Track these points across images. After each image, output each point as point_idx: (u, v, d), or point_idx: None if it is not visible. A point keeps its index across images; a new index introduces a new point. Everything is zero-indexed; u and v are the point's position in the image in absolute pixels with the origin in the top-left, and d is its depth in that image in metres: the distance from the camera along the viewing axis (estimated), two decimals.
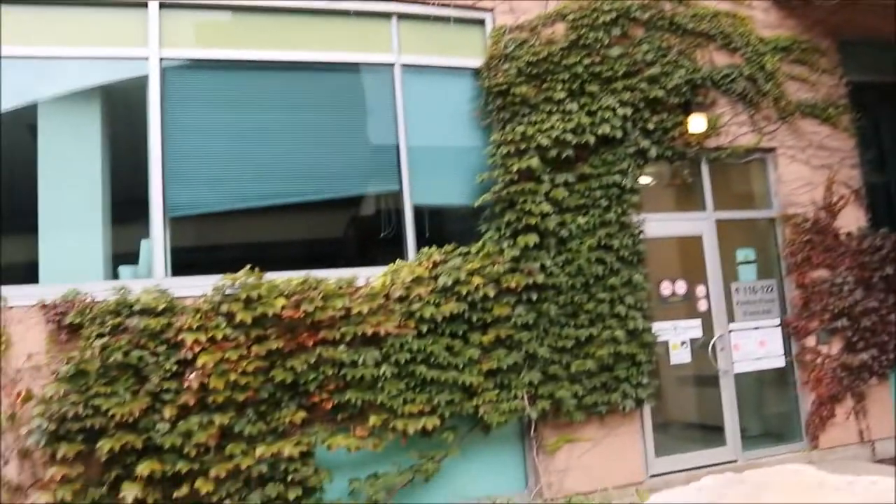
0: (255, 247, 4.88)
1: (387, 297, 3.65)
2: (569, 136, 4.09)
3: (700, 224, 4.70)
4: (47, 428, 3.20)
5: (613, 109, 4.23)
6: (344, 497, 3.56)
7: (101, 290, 3.42)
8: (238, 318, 3.43)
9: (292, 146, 3.79)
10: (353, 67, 4.08)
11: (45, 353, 3.34)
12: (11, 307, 3.35)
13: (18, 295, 3.38)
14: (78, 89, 3.64)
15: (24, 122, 3.69)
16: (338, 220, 5.60)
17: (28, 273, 3.52)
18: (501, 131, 4.04)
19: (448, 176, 4.07)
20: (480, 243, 3.90)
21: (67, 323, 3.34)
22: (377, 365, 3.57)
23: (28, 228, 3.53)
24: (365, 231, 4.85)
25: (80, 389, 3.26)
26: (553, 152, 4.06)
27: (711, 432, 4.55)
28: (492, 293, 3.75)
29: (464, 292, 3.70)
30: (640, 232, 4.28)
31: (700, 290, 4.65)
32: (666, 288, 4.58)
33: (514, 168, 3.94)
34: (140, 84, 3.68)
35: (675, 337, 4.49)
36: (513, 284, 3.80)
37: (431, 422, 3.62)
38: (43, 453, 3.25)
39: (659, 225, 4.50)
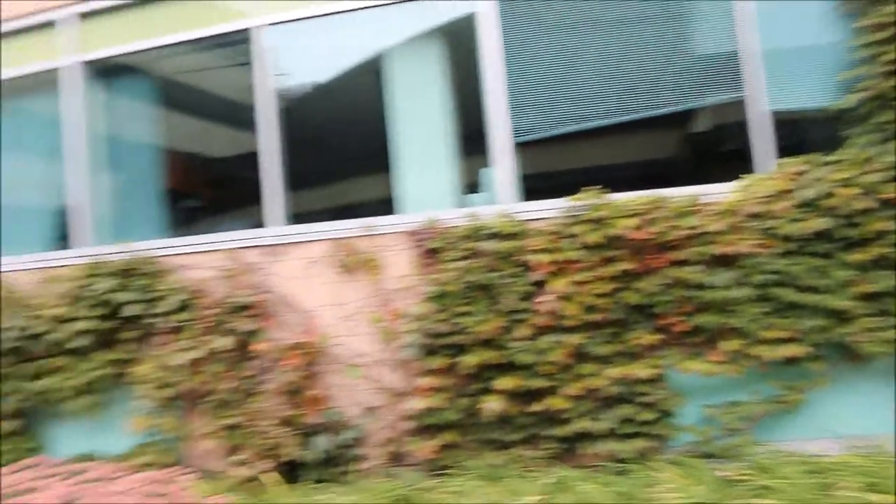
0: (592, 170, 5.55)
1: (739, 214, 3.98)
2: None
3: None
4: (419, 342, 4.21)
5: None
6: (699, 423, 4.03)
7: (455, 218, 4.32)
8: (585, 239, 4.06)
9: (626, 62, 4.30)
10: None
11: (412, 275, 4.37)
12: (382, 235, 4.44)
13: (385, 224, 4.44)
14: (418, 33, 4.60)
15: (371, 70, 4.77)
16: (672, 137, 6.02)
17: (390, 205, 4.59)
18: (869, 15, 4.04)
19: (800, 78, 4.20)
20: (849, 150, 3.99)
21: (429, 248, 4.30)
22: (732, 287, 3.93)
23: (386, 167, 4.60)
24: (702, 147, 5.19)
25: (444, 308, 4.20)
26: None
27: None
28: (866, 206, 3.84)
29: (831, 206, 3.85)
30: None
31: None
32: None
33: (888, 58, 3.93)
34: (472, 20, 4.49)
35: None
36: (892, 195, 3.84)
37: (795, 350, 3.87)
38: (417, 365, 4.28)
39: None
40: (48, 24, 5.54)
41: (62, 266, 5.15)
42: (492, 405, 4.07)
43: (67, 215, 5.39)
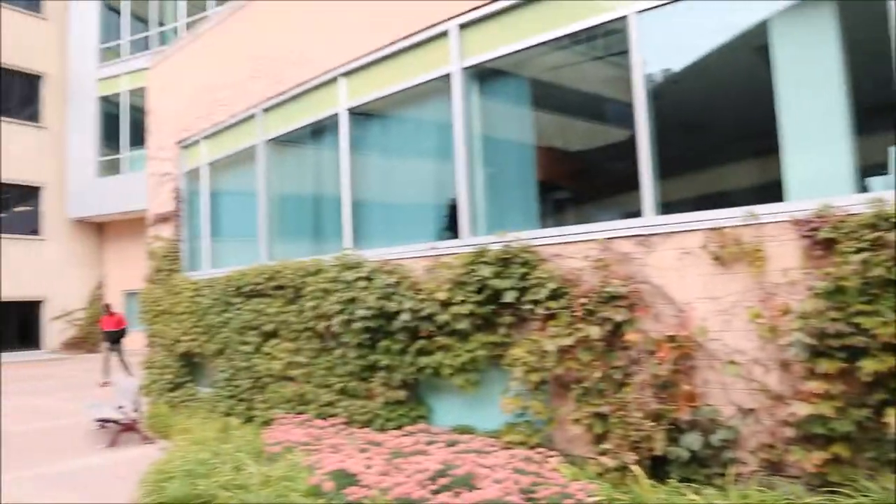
0: None
1: None
2: None
3: None
4: (806, 342, 4.29)
5: None
6: None
7: (854, 204, 4.30)
8: None
9: None
10: None
11: (800, 268, 4.47)
12: (764, 224, 4.62)
13: (768, 212, 4.61)
14: None
15: (749, 45, 4.97)
16: None
17: (772, 192, 4.75)
18: None
19: None
20: None
21: (821, 238, 4.34)
22: None
23: (768, 149, 4.77)
24: None
25: (839, 306, 4.21)
26: None
27: None
28: None
29: None
30: None
31: None
32: None
33: None
34: None
35: None
36: None
37: None
38: (802, 367, 4.37)
39: None
40: (434, 38, 6.88)
41: (449, 254, 6.38)
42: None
43: (454, 209, 6.63)
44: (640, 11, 5.33)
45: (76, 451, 8.35)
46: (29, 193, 27.40)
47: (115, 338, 16.13)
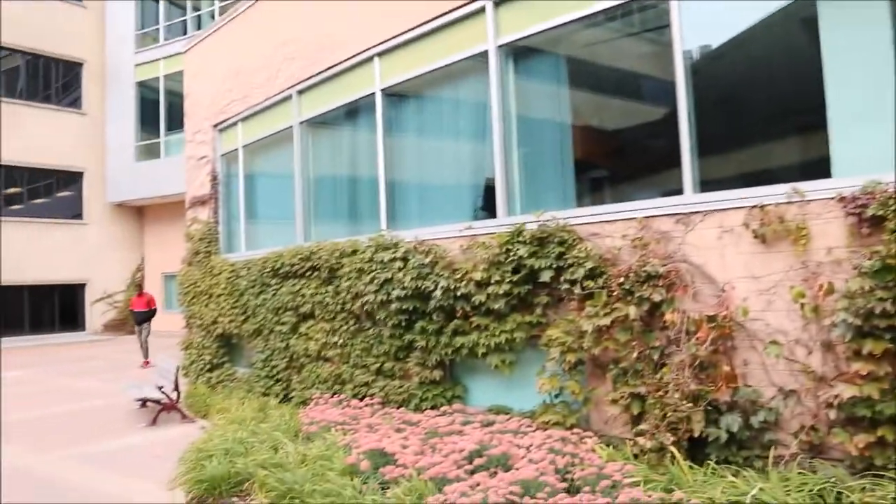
0: None
1: None
2: None
3: None
4: (852, 322, 4.21)
5: None
6: None
7: None
8: None
9: None
10: None
11: (845, 246, 4.38)
12: (809, 201, 4.53)
13: (814, 189, 4.51)
14: None
15: (795, 17, 4.85)
16: None
17: (818, 168, 4.65)
18: None
19: None
20: None
21: (868, 215, 4.24)
22: None
23: (814, 125, 4.67)
24: None
25: (887, 285, 4.12)
26: None
27: None
28: None
29: None
30: None
31: None
32: None
33: None
34: None
35: None
36: None
37: None
38: (846, 347, 4.29)
39: None
40: (468, 16, 6.84)
41: (485, 234, 6.38)
42: None
43: (489, 189, 6.62)
44: None
45: (117, 431, 8.57)
46: (70, 178, 28.01)
47: (145, 318, 16.46)
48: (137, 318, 16.51)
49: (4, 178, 26.16)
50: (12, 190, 26.46)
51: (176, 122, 23.50)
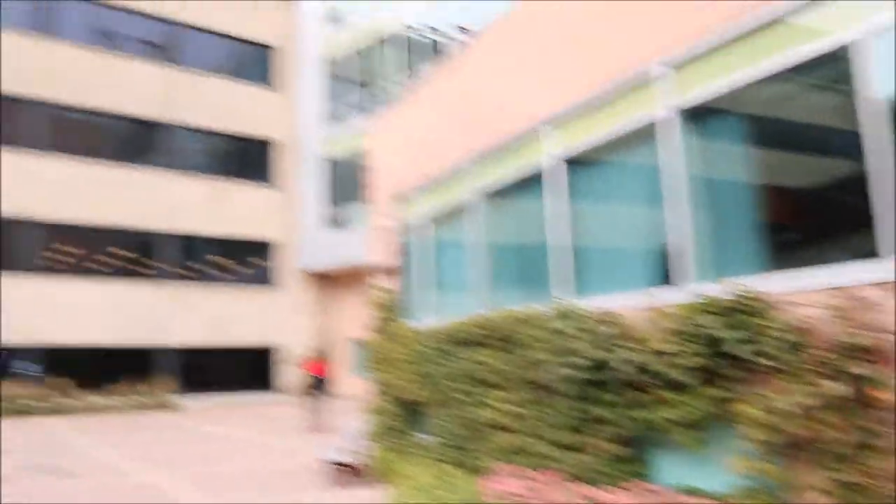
0: None
1: None
2: None
3: None
4: None
5: None
6: None
7: None
8: None
9: None
10: None
11: None
12: None
13: None
14: None
15: None
16: None
17: None
18: None
19: None
20: None
21: None
22: None
23: None
24: None
25: None
26: None
27: None
28: None
29: None
30: None
31: None
32: None
33: None
34: None
35: None
36: None
37: None
38: None
39: None
40: (644, 81, 6.90)
41: (668, 303, 6.25)
42: None
43: (668, 254, 6.52)
44: (867, 35, 4.99)
45: (306, 490, 9.09)
46: (262, 248, 30.68)
47: (318, 383, 17.29)
48: (311, 382, 17.40)
49: (212, 248, 29.19)
50: (218, 259, 29.34)
51: (360, 195, 25.13)
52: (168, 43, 30.56)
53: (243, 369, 29.08)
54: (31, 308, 25.60)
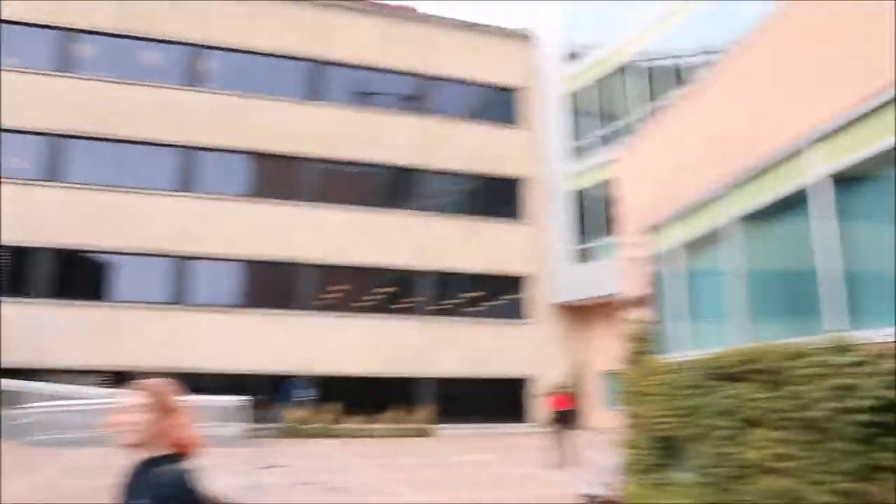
0: None
1: None
2: None
3: None
4: None
5: None
6: None
7: None
8: None
9: None
10: None
11: None
12: None
13: None
14: None
15: None
16: None
17: None
18: None
19: None
20: None
21: None
22: None
23: None
24: None
25: None
26: None
27: None
28: None
29: None
30: None
31: None
32: None
33: None
34: None
35: None
36: None
37: None
38: None
39: None
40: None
41: None
42: None
43: None
44: None
45: None
46: (513, 282, 31.52)
47: (562, 417, 16.90)
48: (555, 416, 17.07)
49: (466, 283, 30.68)
50: (474, 294, 30.76)
51: (607, 227, 24.98)
52: (420, 94, 32.92)
53: (496, 400, 29.90)
54: (307, 341, 28.59)
